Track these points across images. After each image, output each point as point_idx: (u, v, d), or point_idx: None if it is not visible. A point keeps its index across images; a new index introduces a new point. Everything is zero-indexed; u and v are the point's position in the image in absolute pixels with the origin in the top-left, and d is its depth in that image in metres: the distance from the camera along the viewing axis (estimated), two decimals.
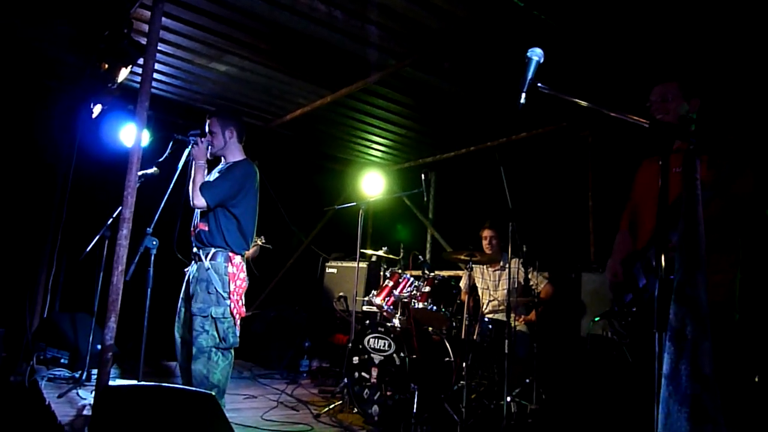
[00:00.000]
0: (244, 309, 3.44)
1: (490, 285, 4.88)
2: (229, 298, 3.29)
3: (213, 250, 3.33)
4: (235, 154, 3.55)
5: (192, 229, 3.45)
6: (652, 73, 4.22)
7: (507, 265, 4.62)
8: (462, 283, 4.99)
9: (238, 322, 3.36)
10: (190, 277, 3.38)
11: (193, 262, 3.40)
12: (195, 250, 3.39)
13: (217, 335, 3.22)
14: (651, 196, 2.50)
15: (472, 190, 6.88)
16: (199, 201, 3.28)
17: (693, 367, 1.21)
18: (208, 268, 3.29)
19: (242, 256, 3.46)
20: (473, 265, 4.86)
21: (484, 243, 4.88)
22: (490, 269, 4.92)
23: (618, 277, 2.60)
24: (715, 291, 1.84)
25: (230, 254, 3.36)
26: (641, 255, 2.49)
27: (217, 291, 3.25)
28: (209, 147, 3.43)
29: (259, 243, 5.00)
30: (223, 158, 3.58)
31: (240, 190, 3.38)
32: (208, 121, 3.53)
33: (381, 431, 3.82)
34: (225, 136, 3.52)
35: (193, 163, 3.32)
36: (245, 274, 3.49)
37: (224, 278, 3.30)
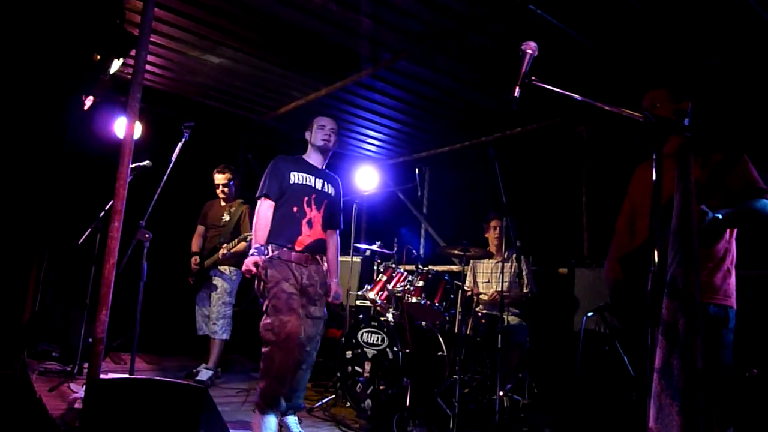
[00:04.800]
0: None
1: (492, 278, 4.84)
2: None
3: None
4: None
5: (308, 238, 3.44)
6: (647, 69, 4.23)
7: (510, 258, 4.62)
8: (468, 280, 4.97)
9: None
10: (307, 280, 3.39)
11: (304, 267, 3.41)
12: (311, 255, 3.45)
13: None
14: (648, 200, 2.56)
15: (466, 185, 6.88)
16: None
17: (685, 361, 1.21)
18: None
19: None
20: (472, 260, 4.86)
21: (495, 233, 4.83)
22: (491, 262, 4.88)
23: (618, 274, 2.60)
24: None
25: None
26: (640, 252, 2.51)
27: None
28: None
29: None
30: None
31: None
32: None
33: (374, 425, 3.82)
34: None
35: None
36: None
37: None
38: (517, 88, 1.69)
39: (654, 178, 1.28)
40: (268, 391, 3.17)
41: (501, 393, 3.91)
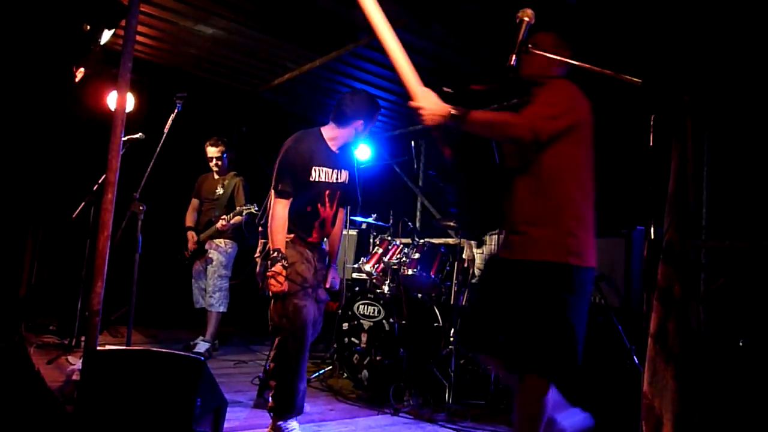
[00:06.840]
0: None
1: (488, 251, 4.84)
2: None
3: None
4: None
5: (316, 233, 3.11)
6: (647, 38, 4.19)
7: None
8: (466, 252, 4.98)
9: None
10: (318, 262, 3.13)
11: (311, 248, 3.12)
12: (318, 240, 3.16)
13: None
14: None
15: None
16: None
17: (680, 325, 1.21)
18: None
19: None
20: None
21: None
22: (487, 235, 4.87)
23: None
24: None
25: None
26: None
27: None
28: None
29: (253, 210, 4.98)
30: None
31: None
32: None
33: (370, 395, 3.86)
34: None
35: None
36: None
37: None
38: (514, 57, 1.67)
39: (652, 144, 1.28)
40: (288, 392, 2.87)
41: None
